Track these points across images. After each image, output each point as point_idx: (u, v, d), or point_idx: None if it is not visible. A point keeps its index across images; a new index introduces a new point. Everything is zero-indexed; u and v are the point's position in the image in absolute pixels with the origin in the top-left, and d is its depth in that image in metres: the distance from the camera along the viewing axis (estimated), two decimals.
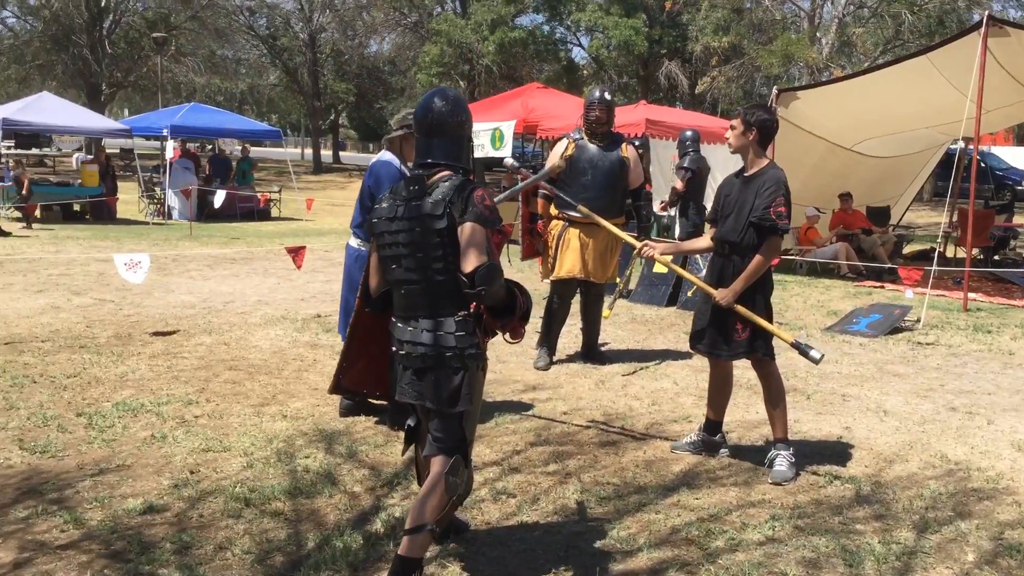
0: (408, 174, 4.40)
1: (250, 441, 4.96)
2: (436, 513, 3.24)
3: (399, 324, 3.40)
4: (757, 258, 4.63)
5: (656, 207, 12.98)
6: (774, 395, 4.80)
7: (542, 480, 4.52)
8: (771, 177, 4.66)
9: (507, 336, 3.45)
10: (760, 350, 4.76)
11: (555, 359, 7.05)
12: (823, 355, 4.79)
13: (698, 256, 9.88)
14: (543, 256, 7.03)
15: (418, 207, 3.29)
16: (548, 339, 7.05)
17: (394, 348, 3.42)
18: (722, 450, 4.98)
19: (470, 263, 3.20)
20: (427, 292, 3.31)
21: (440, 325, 3.29)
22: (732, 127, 4.80)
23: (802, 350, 4.65)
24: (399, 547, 3.25)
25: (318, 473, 4.52)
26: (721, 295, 4.69)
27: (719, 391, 5.02)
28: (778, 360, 7.22)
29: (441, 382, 3.29)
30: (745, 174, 4.79)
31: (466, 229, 3.23)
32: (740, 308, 4.64)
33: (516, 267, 8.68)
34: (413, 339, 3.32)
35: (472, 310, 3.29)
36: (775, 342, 4.77)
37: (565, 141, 6.95)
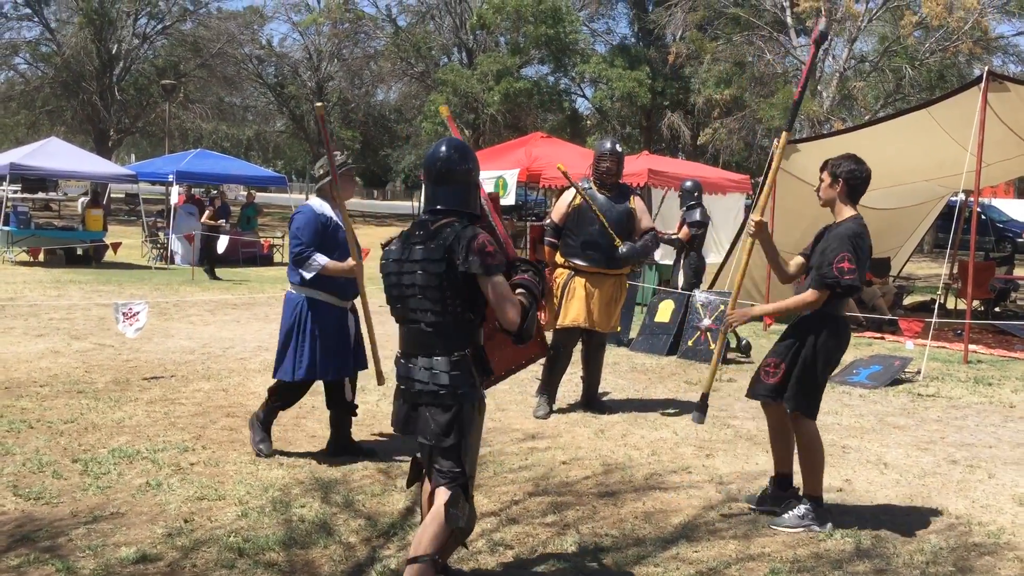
0: (334, 218, 5.10)
1: (246, 489, 4.93)
2: (436, 543, 3.40)
3: (401, 360, 3.60)
4: (799, 296, 4.58)
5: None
6: (802, 451, 4.68)
7: (540, 531, 4.48)
8: (842, 230, 4.54)
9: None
10: (790, 402, 4.60)
11: (555, 407, 7.02)
12: (701, 422, 5.04)
13: (699, 306, 9.90)
14: (547, 303, 7.02)
15: (421, 251, 3.48)
16: (548, 387, 7.02)
17: (397, 383, 3.63)
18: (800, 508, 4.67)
19: (510, 317, 3.45)
20: (426, 332, 3.50)
21: (436, 364, 3.47)
22: (821, 179, 4.70)
23: (697, 406, 4.83)
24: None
25: (313, 523, 4.48)
26: (737, 315, 4.74)
27: (775, 439, 4.87)
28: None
29: (433, 417, 3.46)
30: (831, 225, 4.70)
31: (487, 287, 3.44)
32: (751, 311, 4.63)
33: None
34: (409, 375, 3.53)
35: (469, 351, 3.49)
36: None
37: (573, 191, 6.98)
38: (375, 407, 6.98)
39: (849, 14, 24.97)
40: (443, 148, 3.61)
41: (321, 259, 5.27)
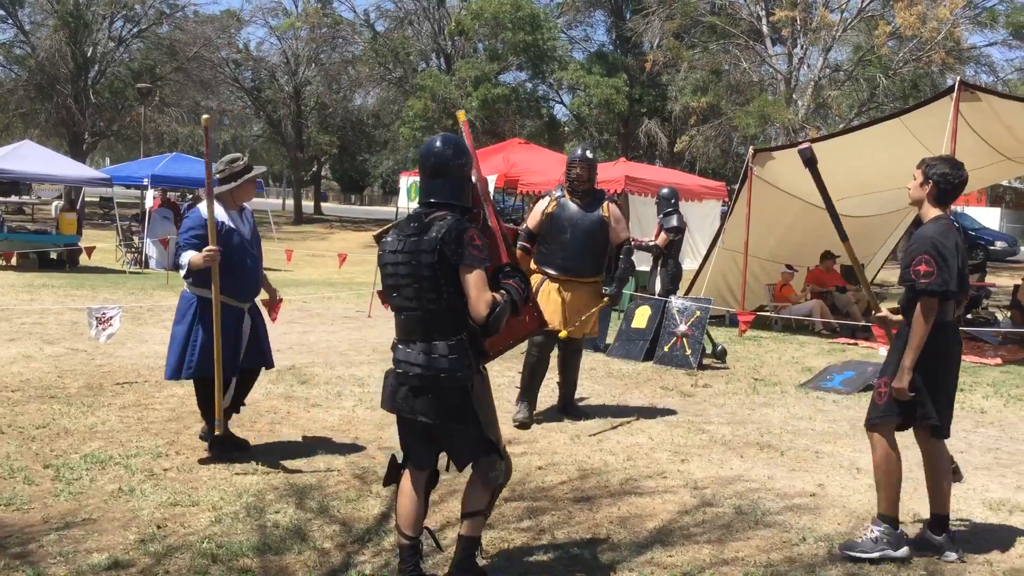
0: (228, 223, 5.44)
1: (219, 495, 4.89)
2: (484, 500, 3.81)
3: (399, 345, 3.75)
4: (913, 323, 4.24)
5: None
6: (927, 470, 4.47)
7: (516, 536, 4.48)
8: (925, 231, 4.32)
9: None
10: (924, 419, 4.32)
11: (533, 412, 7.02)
12: None
13: (675, 312, 9.94)
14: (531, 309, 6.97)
15: (415, 243, 3.65)
16: (529, 394, 6.95)
17: (392, 366, 3.76)
18: (949, 553, 4.33)
19: (479, 309, 3.59)
20: (422, 319, 3.68)
21: (434, 348, 3.64)
22: (913, 176, 4.49)
23: None
24: (461, 528, 3.79)
25: (288, 529, 4.46)
26: (896, 383, 4.25)
27: (926, 471, 4.51)
28: (753, 415, 7.27)
29: (441, 402, 3.66)
30: (916, 226, 4.43)
31: (466, 276, 3.60)
32: (907, 366, 4.19)
33: None
34: (408, 359, 3.68)
35: (465, 335, 3.68)
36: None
37: (547, 198, 7.01)
38: (351, 412, 6.96)
39: (824, 23, 25.23)
40: (438, 143, 3.80)
41: (186, 257, 5.34)
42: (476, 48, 34.47)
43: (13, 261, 16.81)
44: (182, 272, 5.40)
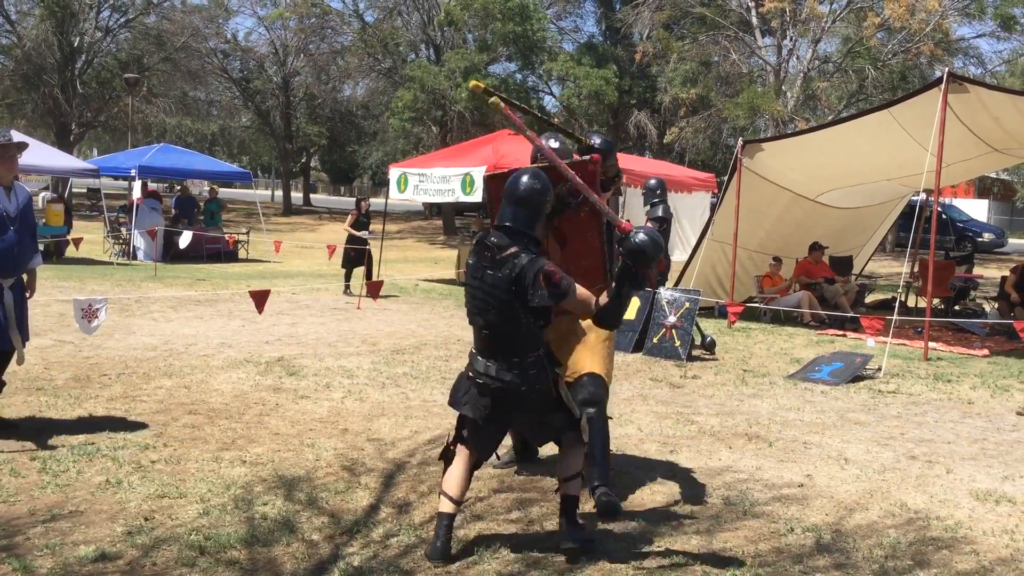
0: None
1: (207, 487, 4.88)
2: (580, 464, 4.21)
3: (479, 357, 4.09)
4: None
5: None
6: None
7: (504, 527, 4.48)
8: None
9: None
10: None
11: None
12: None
13: (664, 303, 9.95)
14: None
15: (493, 277, 3.99)
16: (514, 440, 5.60)
17: (471, 374, 4.12)
18: None
19: (586, 313, 4.10)
20: (503, 339, 4.04)
21: (514, 365, 4.02)
22: None
23: None
24: (562, 490, 4.18)
25: (276, 521, 4.45)
26: None
27: None
28: (741, 406, 7.29)
29: (525, 406, 4.11)
30: None
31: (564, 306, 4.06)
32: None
33: None
34: (488, 372, 4.04)
35: (542, 351, 4.11)
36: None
37: None
38: (340, 404, 6.95)
39: (813, 15, 25.24)
40: (529, 178, 4.10)
41: None
42: (465, 39, 34.33)
43: None
44: None
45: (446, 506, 4.12)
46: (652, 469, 5.56)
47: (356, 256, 14.94)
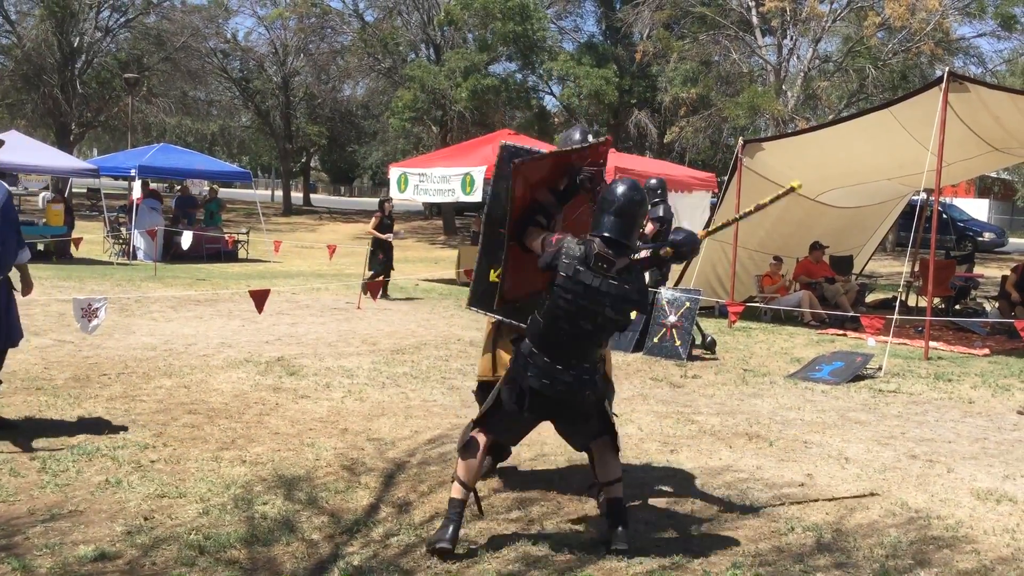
0: None
1: (207, 487, 4.87)
2: (620, 469, 4.33)
3: (546, 359, 4.07)
4: None
5: None
6: None
7: (505, 527, 4.47)
8: None
9: None
10: None
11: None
12: None
13: (664, 303, 9.94)
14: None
15: (617, 287, 4.02)
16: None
17: (533, 375, 4.07)
18: None
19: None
20: (590, 347, 4.11)
21: (586, 371, 4.11)
22: None
23: None
24: (607, 494, 4.26)
25: (276, 520, 4.44)
26: None
27: None
28: (742, 405, 7.29)
29: (580, 410, 4.21)
30: None
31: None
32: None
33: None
34: (555, 376, 4.06)
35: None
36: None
37: None
38: (340, 404, 6.94)
39: (814, 15, 25.22)
40: (628, 188, 4.20)
41: None
42: (466, 38, 34.32)
43: None
44: None
45: (457, 492, 4.15)
46: (652, 468, 5.55)
47: (385, 259, 14.84)
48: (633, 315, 4.24)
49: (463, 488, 4.16)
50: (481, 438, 4.23)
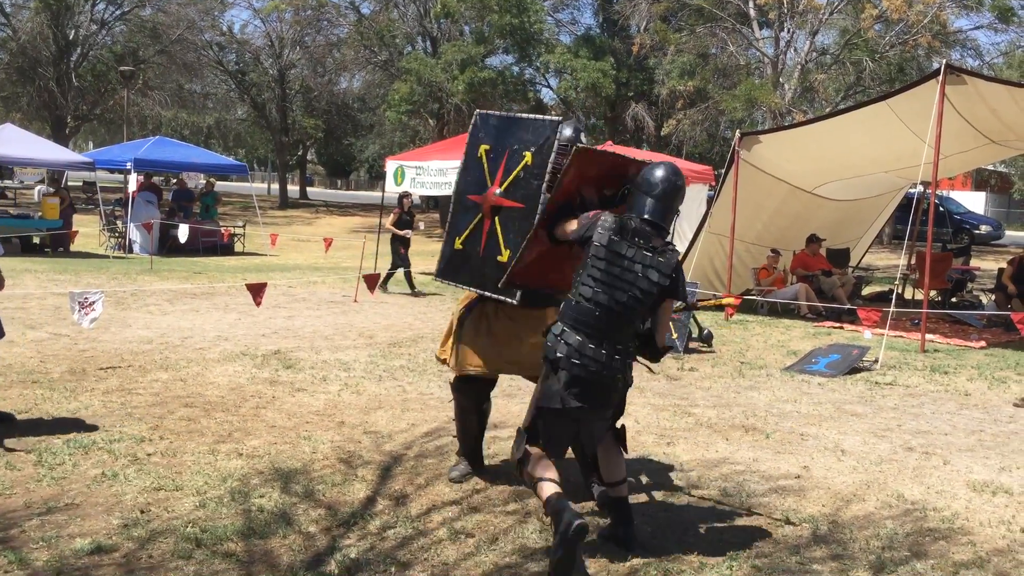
0: None
1: (203, 480, 4.87)
2: (625, 468, 4.28)
3: (579, 337, 3.94)
4: None
5: None
6: None
7: (502, 519, 4.47)
8: None
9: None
10: None
11: (516, 394, 6.97)
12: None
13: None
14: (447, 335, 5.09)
15: (651, 259, 3.95)
16: (463, 447, 5.15)
17: (564, 354, 3.93)
18: None
19: (662, 338, 4.15)
20: (624, 323, 3.98)
21: (619, 352, 3.98)
22: None
23: None
24: (617, 493, 4.20)
25: (273, 513, 4.44)
26: None
27: None
28: (738, 398, 7.29)
29: (609, 394, 4.05)
30: None
31: (667, 306, 4.10)
32: None
33: None
34: (587, 354, 3.91)
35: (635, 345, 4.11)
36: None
37: None
38: (336, 397, 6.94)
39: (811, 7, 25.20)
40: (668, 172, 4.10)
41: None
42: (462, 31, 34.26)
43: None
44: None
45: (552, 488, 3.84)
46: (649, 461, 5.56)
47: (407, 253, 14.84)
48: (677, 305, 4.17)
49: (554, 485, 3.85)
50: (534, 451, 4.04)
